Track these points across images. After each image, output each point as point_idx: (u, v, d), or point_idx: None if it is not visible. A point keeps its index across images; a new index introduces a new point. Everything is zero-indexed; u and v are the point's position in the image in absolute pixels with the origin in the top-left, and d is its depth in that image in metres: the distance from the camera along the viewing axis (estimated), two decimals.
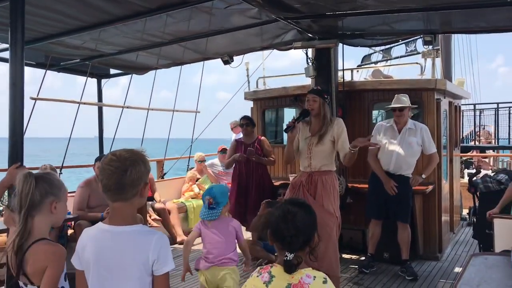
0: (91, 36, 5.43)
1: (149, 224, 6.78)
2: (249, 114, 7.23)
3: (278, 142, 7.70)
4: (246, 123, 6.46)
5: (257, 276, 2.01)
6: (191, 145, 9.90)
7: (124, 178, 1.88)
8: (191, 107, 10.13)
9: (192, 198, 8.37)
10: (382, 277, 5.38)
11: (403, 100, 5.46)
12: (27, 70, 7.45)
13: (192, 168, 9.36)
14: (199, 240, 4.08)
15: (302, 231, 2.01)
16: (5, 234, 4.80)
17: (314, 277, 1.97)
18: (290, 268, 1.95)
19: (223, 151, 9.48)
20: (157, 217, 7.14)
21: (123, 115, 8.19)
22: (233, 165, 6.59)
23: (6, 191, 2.95)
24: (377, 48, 10.09)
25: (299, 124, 4.50)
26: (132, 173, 1.89)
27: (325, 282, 1.98)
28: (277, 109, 7.80)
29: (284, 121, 7.86)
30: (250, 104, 7.68)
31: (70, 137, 6.94)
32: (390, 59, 10.11)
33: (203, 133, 10.25)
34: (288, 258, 1.95)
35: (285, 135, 7.74)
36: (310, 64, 6.05)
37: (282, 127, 7.89)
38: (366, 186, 5.79)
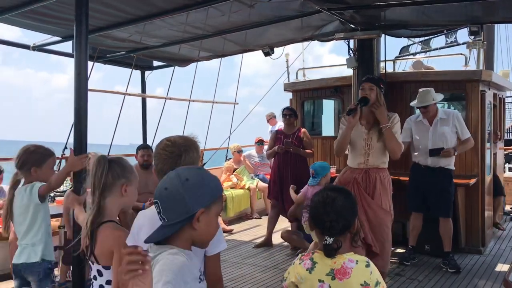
0: (136, 28, 5.57)
1: None
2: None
3: (316, 133, 7.71)
4: (289, 113, 6.47)
5: (300, 264, 2.04)
6: (229, 136, 10.02)
7: (178, 163, 1.96)
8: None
9: (231, 188, 8.52)
10: (423, 269, 5.36)
11: (427, 98, 5.35)
12: (71, 63, 7.68)
13: (230, 159, 9.49)
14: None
15: (342, 215, 2.02)
16: (59, 218, 5.03)
17: (357, 261, 1.99)
18: (329, 252, 1.99)
19: (260, 142, 9.58)
20: None
21: (162, 119, 8.33)
22: (273, 157, 6.66)
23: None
24: (416, 39, 9.94)
25: (344, 115, 4.36)
26: (186, 158, 1.98)
27: (367, 266, 1.99)
28: (316, 101, 7.81)
29: (323, 112, 7.88)
30: (288, 97, 7.74)
31: (114, 132, 7.13)
32: (429, 51, 9.94)
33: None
34: (327, 242, 1.98)
35: (325, 127, 7.81)
36: (352, 55, 6.04)
37: (321, 119, 7.92)
38: (407, 178, 5.76)
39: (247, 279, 5.10)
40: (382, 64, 6.40)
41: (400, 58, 9.61)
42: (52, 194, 5.98)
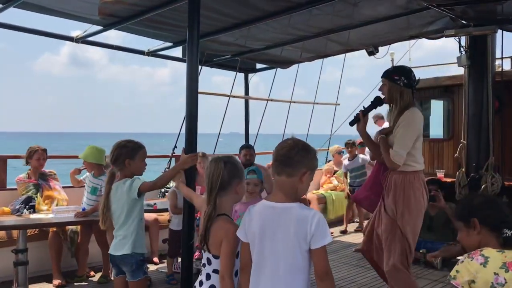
0: (242, 33, 5.75)
1: None
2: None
3: (424, 135, 7.34)
4: None
5: (471, 260, 2.13)
6: (330, 137, 9.94)
7: (291, 153, 2.05)
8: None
9: (331, 190, 8.44)
10: None
11: None
12: (182, 66, 8.14)
13: (330, 161, 9.40)
14: None
15: None
16: (167, 213, 5.36)
17: None
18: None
19: (361, 144, 9.36)
20: None
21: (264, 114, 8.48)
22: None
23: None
24: None
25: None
26: (297, 154, 2.05)
27: None
28: (423, 101, 7.46)
29: (431, 114, 7.51)
30: None
31: (220, 130, 7.44)
32: None
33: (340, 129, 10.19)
34: (508, 235, 2.14)
35: (432, 129, 7.45)
36: (463, 52, 5.68)
37: (428, 120, 7.56)
38: None
39: (347, 282, 5.02)
40: (498, 62, 5.96)
41: None
42: (162, 190, 6.39)
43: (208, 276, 2.34)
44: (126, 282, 3.18)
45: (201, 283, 2.37)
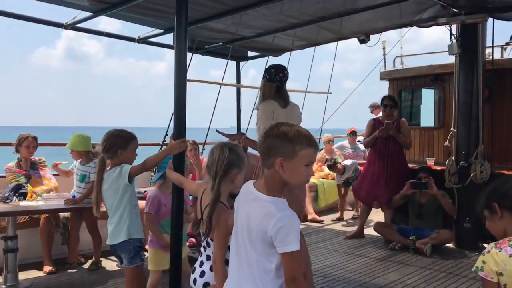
0: (233, 20, 5.70)
1: None
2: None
3: (414, 123, 7.41)
4: (390, 104, 6.16)
5: (499, 251, 2.00)
6: (321, 126, 9.92)
7: (264, 143, 1.92)
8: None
9: (322, 178, 8.47)
10: None
11: None
12: (169, 52, 7.93)
13: (322, 149, 9.40)
14: None
15: None
16: None
17: None
18: None
19: (353, 133, 9.38)
20: None
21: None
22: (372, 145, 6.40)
23: None
24: None
25: None
26: (269, 142, 1.90)
27: None
28: (414, 89, 7.49)
29: (422, 102, 7.54)
30: (383, 87, 7.53)
31: (211, 121, 7.37)
32: None
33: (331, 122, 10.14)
34: None
35: (424, 117, 7.48)
36: (454, 41, 5.68)
37: (420, 109, 7.59)
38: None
39: (337, 268, 5.06)
40: (489, 50, 5.98)
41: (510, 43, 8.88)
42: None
43: (208, 257, 2.44)
44: None
45: (201, 264, 2.47)
